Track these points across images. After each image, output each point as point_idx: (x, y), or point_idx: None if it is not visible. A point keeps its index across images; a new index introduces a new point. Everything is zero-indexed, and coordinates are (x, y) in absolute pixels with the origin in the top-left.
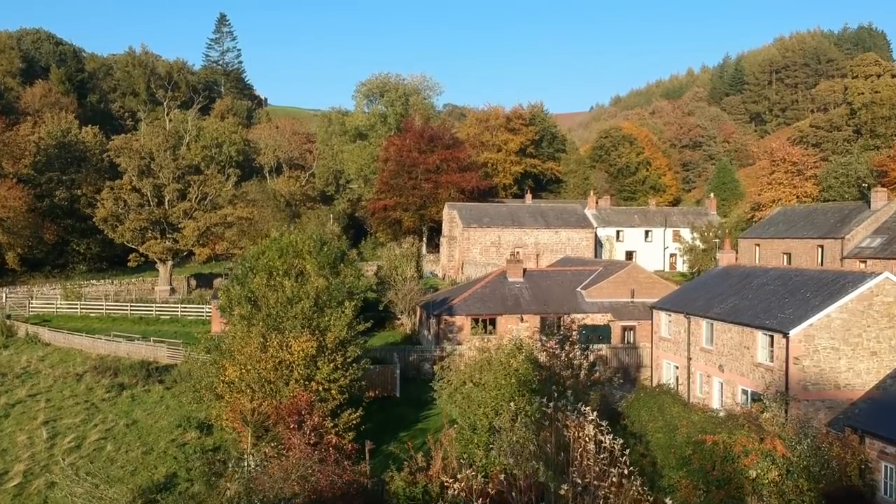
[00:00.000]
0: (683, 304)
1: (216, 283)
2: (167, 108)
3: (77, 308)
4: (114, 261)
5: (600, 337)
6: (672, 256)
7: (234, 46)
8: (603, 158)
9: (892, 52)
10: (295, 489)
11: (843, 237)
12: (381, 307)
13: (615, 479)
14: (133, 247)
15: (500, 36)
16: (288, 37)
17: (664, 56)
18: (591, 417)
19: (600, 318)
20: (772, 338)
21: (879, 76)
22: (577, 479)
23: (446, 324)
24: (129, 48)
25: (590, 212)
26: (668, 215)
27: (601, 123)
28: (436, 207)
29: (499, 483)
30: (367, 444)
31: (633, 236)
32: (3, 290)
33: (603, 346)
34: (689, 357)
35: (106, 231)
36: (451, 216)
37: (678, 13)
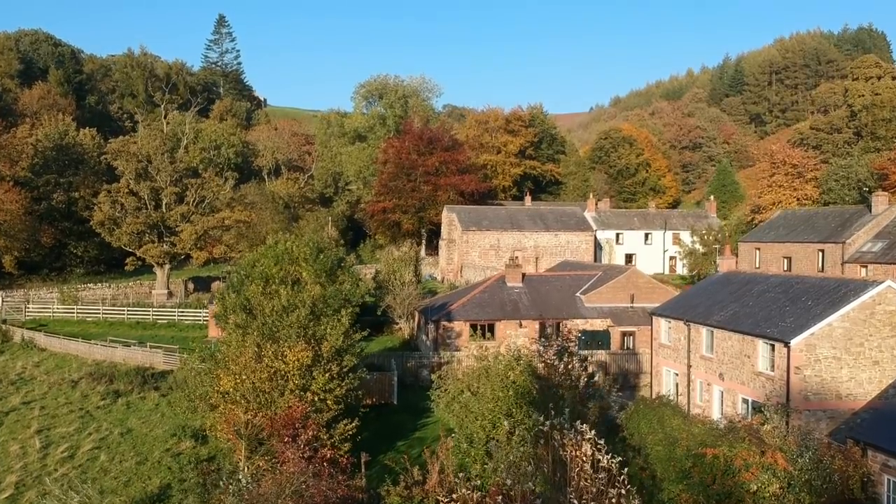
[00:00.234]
0: (683, 310)
1: (214, 287)
2: (165, 111)
3: (74, 312)
4: (111, 263)
5: (599, 343)
6: (672, 259)
7: (233, 47)
8: (602, 160)
9: (893, 52)
10: None
11: (844, 242)
12: (380, 312)
13: (613, 499)
14: (130, 250)
15: (500, 36)
16: (287, 37)
17: (664, 57)
18: (588, 436)
19: (599, 323)
20: (773, 347)
21: (880, 78)
22: (573, 501)
23: (445, 329)
24: (127, 49)
25: (589, 214)
26: (667, 218)
27: (601, 124)
28: (435, 210)
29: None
30: (363, 457)
31: (632, 239)
32: (0, 293)
33: (602, 352)
34: (689, 365)
35: (103, 234)
36: (450, 219)
37: (678, 14)
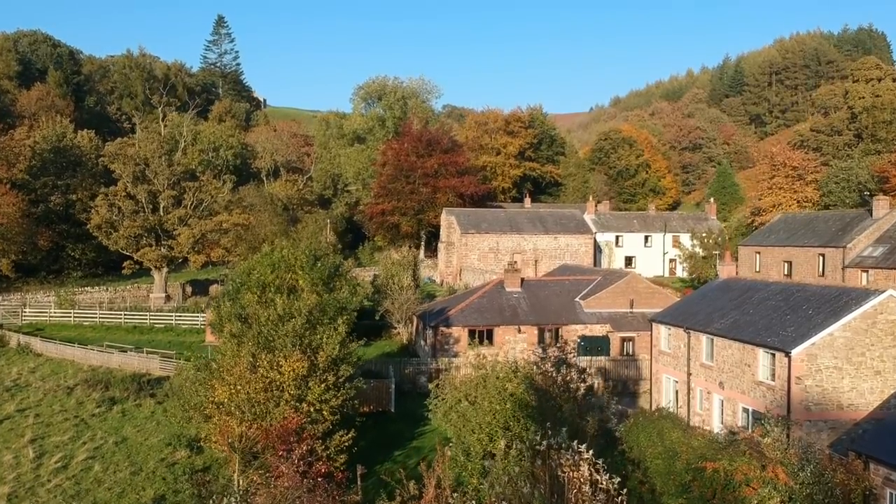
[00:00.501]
0: (683, 317)
1: (212, 290)
2: (163, 113)
3: (71, 316)
4: (109, 266)
5: (599, 348)
6: (672, 262)
7: (232, 48)
8: (602, 161)
9: (893, 53)
10: None
11: (845, 246)
12: (378, 316)
13: None
14: (127, 254)
15: (500, 36)
16: (287, 37)
17: (663, 57)
18: (586, 456)
19: (599, 328)
20: (773, 356)
21: (880, 80)
22: None
23: (443, 335)
24: (126, 50)
25: (589, 217)
26: (667, 220)
27: (600, 125)
28: (434, 212)
29: None
30: (359, 469)
31: (632, 241)
32: None
33: (602, 358)
34: (688, 372)
35: (100, 238)
36: (449, 222)
37: (677, 14)
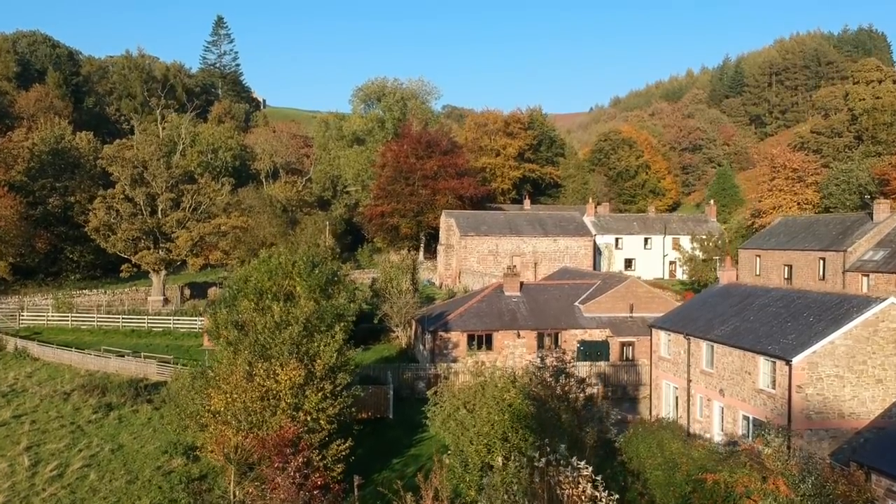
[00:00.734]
0: (683, 323)
1: (210, 293)
2: (160, 116)
3: (68, 320)
4: (108, 268)
5: (599, 353)
6: (672, 264)
7: (231, 49)
8: (602, 162)
9: (893, 54)
10: None
11: (846, 250)
12: (377, 320)
13: None
14: (126, 257)
15: (500, 36)
16: (287, 38)
17: (663, 57)
18: (585, 473)
19: (598, 333)
20: (774, 364)
21: (881, 82)
22: None
23: (442, 340)
24: (125, 51)
25: (588, 219)
26: (667, 222)
27: (600, 125)
28: (433, 214)
29: None
30: (356, 480)
31: (632, 244)
32: None
33: (602, 363)
34: (688, 379)
35: (98, 241)
36: (449, 224)
37: (677, 14)
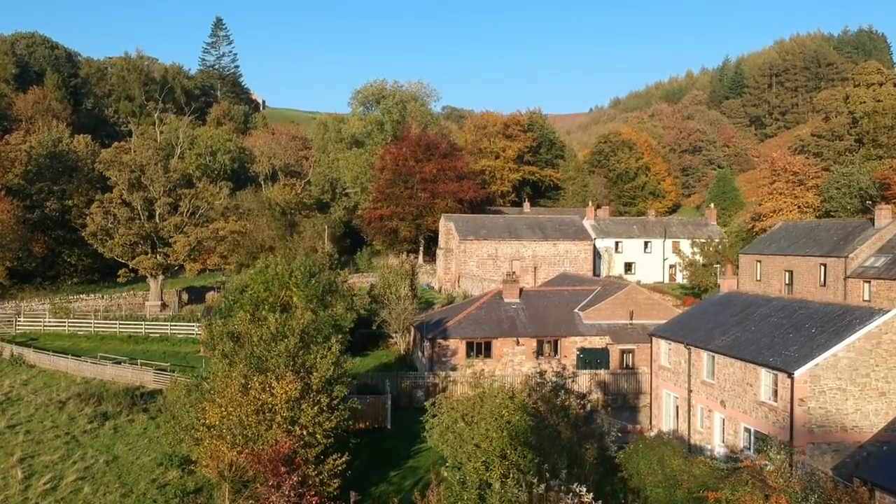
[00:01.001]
0: (684, 332)
1: (208, 297)
2: (158, 121)
3: (65, 326)
4: (105, 272)
5: (598, 361)
6: (672, 268)
7: (230, 51)
8: (602, 164)
9: (893, 55)
10: None
11: (847, 256)
12: (375, 326)
13: None
14: (123, 262)
15: (500, 37)
16: (286, 39)
17: (663, 58)
18: (586, 500)
19: (598, 340)
20: (775, 376)
21: (881, 84)
22: None
23: (440, 347)
24: (124, 53)
25: (588, 223)
26: (667, 226)
27: (600, 127)
28: (433, 217)
29: None
30: (352, 497)
31: (632, 247)
32: None
33: (602, 371)
34: (689, 389)
35: (95, 245)
36: (448, 228)
37: (677, 15)
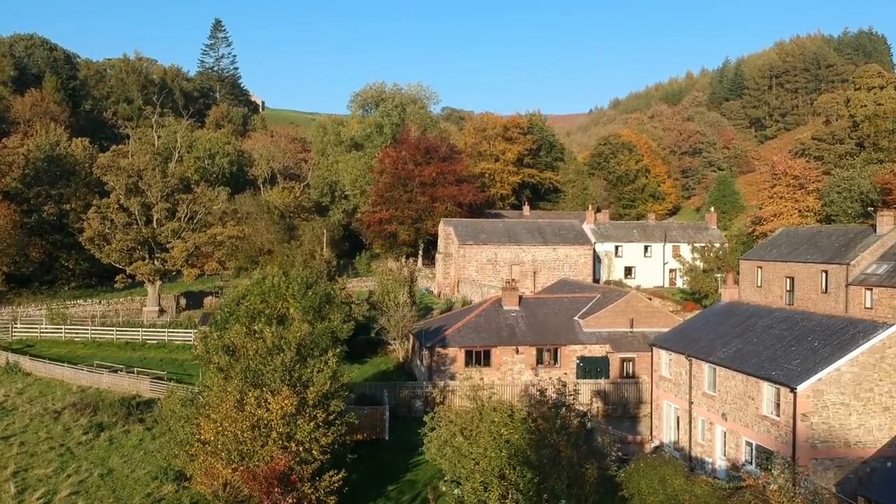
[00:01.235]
0: (684, 343)
1: (206, 302)
2: (156, 125)
3: (62, 332)
4: (103, 276)
5: (598, 370)
6: (672, 272)
7: (229, 52)
8: (602, 166)
9: (893, 56)
10: None
11: (849, 263)
12: (374, 333)
13: None
14: (120, 267)
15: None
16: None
17: (663, 59)
18: None
19: (598, 349)
20: (778, 390)
21: (882, 88)
22: None
23: (439, 356)
24: (123, 55)
25: (588, 227)
26: (667, 230)
27: (600, 128)
28: (432, 221)
29: None
30: None
31: (632, 252)
32: None
33: (601, 381)
34: (690, 401)
35: (92, 251)
36: (447, 232)
37: (677, 16)
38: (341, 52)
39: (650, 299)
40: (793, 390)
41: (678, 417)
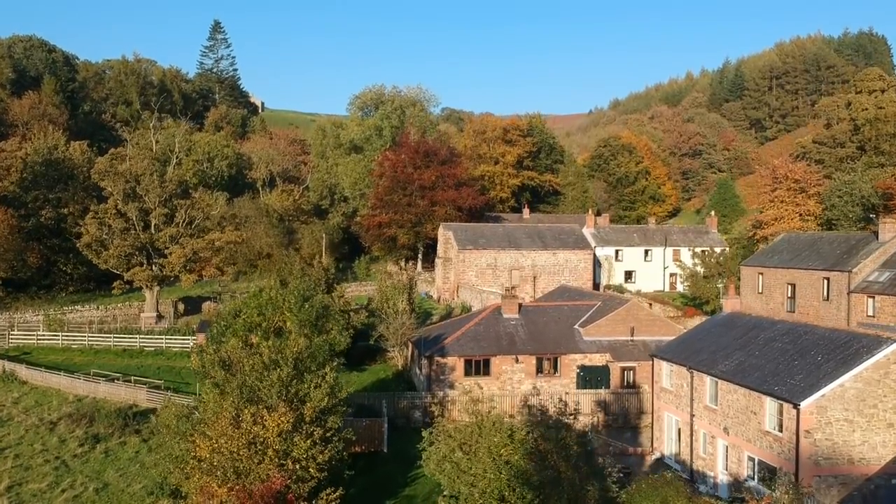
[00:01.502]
0: (686, 355)
1: (204, 307)
2: (154, 130)
3: (59, 339)
4: (101, 281)
5: (599, 379)
6: (672, 276)
7: (228, 54)
8: (602, 168)
9: (893, 57)
10: None
11: (851, 270)
12: (373, 341)
13: None
14: (118, 273)
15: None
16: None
17: (663, 59)
18: None
19: (598, 358)
20: (781, 406)
21: (884, 91)
22: None
23: (438, 365)
24: (122, 56)
25: (588, 231)
26: (668, 234)
27: (599, 129)
28: (431, 224)
29: None
30: None
31: (632, 256)
32: None
33: (602, 391)
34: (692, 414)
35: (90, 256)
36: (447, 237)
37: (677, 16)
38: (341, 52)
39: (650, 305)
40: (796, 406)
41: (679, 430)
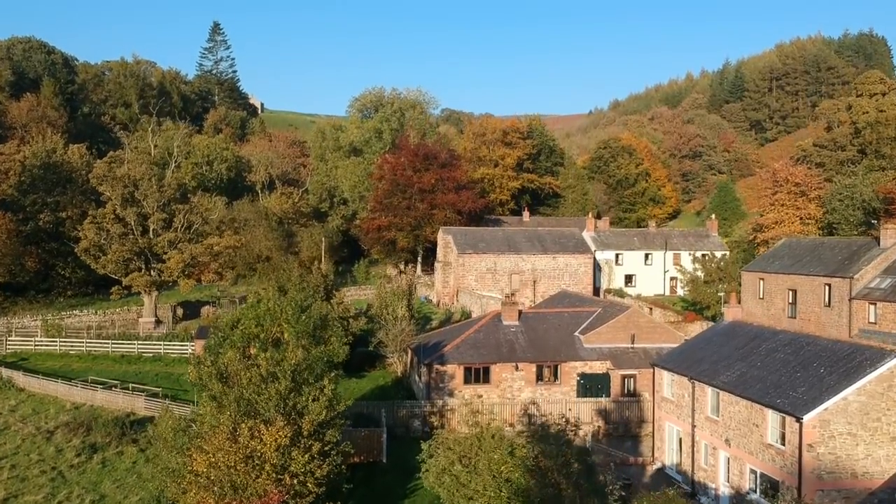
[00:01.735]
0: (687, 364)
1: (203, 312)
2: (152, 134)
3: (56, 345)
4: (100, 285)
5: (599, 387)
6: (673, 280)
7: (227, 56)
8: (601, 170)
9: (894, 58)
10: None
11: (852, 277)
12: (372, 347)
13: None
14: (116, 278)
15: (501, 38)
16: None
17: (663, 60)
18: None
19: (599, 365)
20: (783, 419)
21: (885, 94)
22: None
23: (438, 373)
24: (121, 58)
25: (588, 234)
26: (668, 237)
27: (599, 131)
28: (431, 228)
29: None
30: None
31: (632, 260)
32: None
33: (602, 399)
34: (693, 424)
35: (88, 261)
36: (446, 241)
37: (677, 17)
38: (341, 53)
39: (650, 310)
40: (799, 420)
41: (681, 440)
